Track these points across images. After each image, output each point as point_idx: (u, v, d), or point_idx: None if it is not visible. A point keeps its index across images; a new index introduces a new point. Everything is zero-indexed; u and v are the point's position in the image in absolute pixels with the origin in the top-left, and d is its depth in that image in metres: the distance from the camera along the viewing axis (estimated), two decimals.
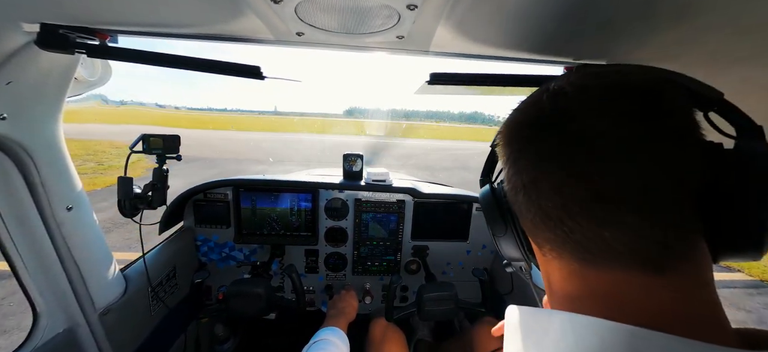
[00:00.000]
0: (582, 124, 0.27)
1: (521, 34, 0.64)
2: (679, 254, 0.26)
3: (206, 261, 1.54)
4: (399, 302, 1.67)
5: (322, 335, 0.96)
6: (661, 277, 0.26)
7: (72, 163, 0.89)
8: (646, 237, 0.26)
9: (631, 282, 0.27)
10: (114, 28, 0.71)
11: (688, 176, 0.26)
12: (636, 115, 0.26)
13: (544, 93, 0.31)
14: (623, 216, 0.26)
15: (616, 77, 0.29)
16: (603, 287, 0.28)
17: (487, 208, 0.44)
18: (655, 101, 0.26)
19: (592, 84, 0.29)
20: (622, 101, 0.27)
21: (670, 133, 0.26)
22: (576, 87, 0.29)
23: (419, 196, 1.51)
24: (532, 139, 0.31)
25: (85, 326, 0.96)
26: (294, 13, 0.57)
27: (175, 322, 1.35)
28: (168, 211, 1.33)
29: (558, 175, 0.28)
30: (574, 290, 0.30)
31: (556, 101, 0.30)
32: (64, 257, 0.89)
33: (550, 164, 0.29)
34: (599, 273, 0.28)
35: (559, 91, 0.30)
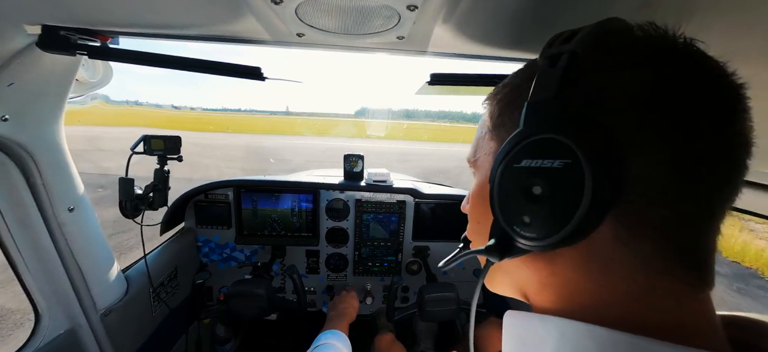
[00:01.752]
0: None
1: (522, 33, 0.64)
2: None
3: (207, 262, 1.54)
4: (400, 303, 1.66)
5: (324, 338, 0.96)
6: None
7: (73, 164, 0.89)
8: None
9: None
10: (115, 30, 0.71)
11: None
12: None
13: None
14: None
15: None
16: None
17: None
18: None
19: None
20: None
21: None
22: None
23: (420, 196, 1.51)
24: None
25: (87, 326, 0.96)
26: (294, 14, 0.57)
27: (176, 323, 1.36)
28: (169, 212, 1.34)
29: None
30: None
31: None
32: (66, 257, 0.90)
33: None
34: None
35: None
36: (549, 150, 0.25)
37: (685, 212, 0.24)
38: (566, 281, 0.28)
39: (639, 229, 0.24)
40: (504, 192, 0.29)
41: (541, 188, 0.25)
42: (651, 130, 0.23)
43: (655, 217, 0.24)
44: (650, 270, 0.24)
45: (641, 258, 0.24)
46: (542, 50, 0.29)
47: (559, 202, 0.24)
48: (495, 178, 0.29)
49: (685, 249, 0.24)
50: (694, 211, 0.24)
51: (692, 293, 0.25)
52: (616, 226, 0.24)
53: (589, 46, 0.26)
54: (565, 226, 0.24)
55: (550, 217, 0.25)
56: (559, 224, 0.24)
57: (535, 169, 0.26)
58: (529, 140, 0.27)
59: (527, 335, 0.30)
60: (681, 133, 0.23)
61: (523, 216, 0.27)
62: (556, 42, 0.28)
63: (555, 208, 0.25)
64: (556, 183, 0.25)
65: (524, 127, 0.27)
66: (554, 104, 0.26)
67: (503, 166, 0.28)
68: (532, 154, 0.26)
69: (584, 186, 0.23)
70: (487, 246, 0.31)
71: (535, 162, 0.26)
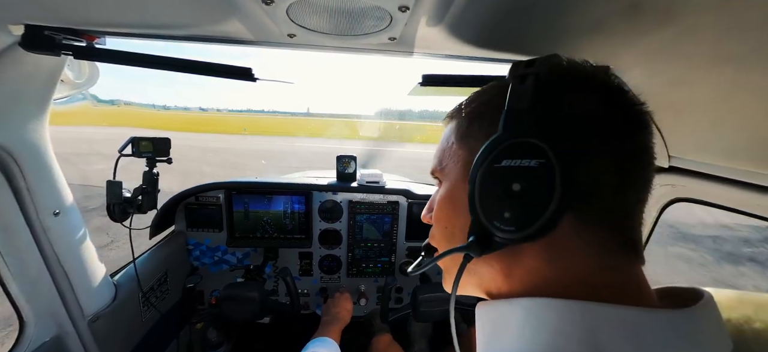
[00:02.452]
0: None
1: (512, 34, 0.65)
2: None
3: (198, 265, 1.52)
4: (394, 304, 1.66)
5: (312, 347, 0.95)
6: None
7: (59, 167, 0.87)
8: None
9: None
10: (101, 30, 0.70)
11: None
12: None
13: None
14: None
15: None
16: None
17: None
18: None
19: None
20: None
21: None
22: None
23: (413, 197, 1.51)
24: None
25: (74, 333, 0.94)
26: (285, 15, 0.57)
27: (167, 327, 1.33)
28: (159, 215, 1.31)
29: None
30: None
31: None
32: (52, 263, 0.87)
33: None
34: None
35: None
36: (526, 151, 0.29)
37: (625, 202, 0.30)
38: (530, 271, 0.33)
39: (592, 219, 0.30)
40: (485, 190, 0.32)
41: (520, 184, 0.30)
42: (598, 138, 0.30)
43: (604, 208, 0.30)
44: (601, 252, 0.30)
45: (594, 243, 0.30)
46: (509, 71, 0.33)
47: (535, 196, 0.29)
48: (475, 178, 0.33)
49: (625, 233, 0.31)
50: (631, 201, 0.31)
51: (631, 267, 0.31)
52: (574, 219, 0.30)
53: (548, 71, 0.31)
54: (540, 217, 0.28)
55: (527, 209, 0.29)
56: (535, 216, 0.29)
57: (515, 168, 0.30)
58: (508, 143, 0.31)
59: (497, 319, 0.34)
60: (617, 142, 0.30)
61: (504, 211, 0.31)
62: (520, 66, 0.33)
63: (532, 201, 0.29)
64: (533, 180, 0.29)
65: (503, 132, 0.31)
66: (529, 113, 0.30)
67: (485, 167, 0.32)
68: (511, 155, 0.30)
69: (555, 182, 0.28)
70: (468, 243, 0.34)
71: (514, 162, 0.30)
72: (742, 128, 0.51)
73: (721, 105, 0.51)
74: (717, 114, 0.29)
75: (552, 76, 0.31)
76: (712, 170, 0.64)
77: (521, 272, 0.33)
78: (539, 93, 0.30)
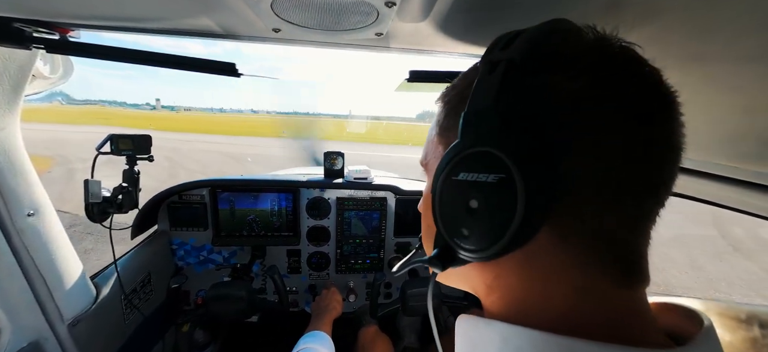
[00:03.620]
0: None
1: (501, 30, 0.65)
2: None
3: (183, 265, 1.49)
4: (383, 299, 1.67)
5: (303, 343, 0.95)
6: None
7: (32, 166, 0.83)
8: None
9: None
10: (75, 22, 0.67)
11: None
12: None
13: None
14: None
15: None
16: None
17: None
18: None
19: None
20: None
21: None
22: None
23: (401, 193, 1.52)
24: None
25: (53, 338, 0.90)
26: (270, 9, 0.56)
27: (151, 330, 1.30)
28: (140, 214, 1.28)
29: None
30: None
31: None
32: (27, 266, 0.84)
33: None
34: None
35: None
36: (484, 164, 0.25)
37: (614, 217, 0.25)
38: (509, 287, 0.29)
39: (572, 234, 0.25)
40: (444, 204, 0.29)
41: (477, 201, 0.26)
42: (583, 136, 0.24)
43: (587, 222, 0.25)
44: (584, 273, 0.26)
45: (575, 262, 0.26)
46: (483, 54, 0.29)
47: (494, 216, 0.25)
48: (436, 189, 0.29)
49: (617, 251, 0.26)
50: (623, 215, 0.25)
51: (623, 292, 0.26)
52: (550, 233, 0.25)
53: (527, 52, 0.26)
54: (501, 238, 0.25)
55: (486, 230, 0.26)
56: (495, 237, 0.25)
57: (472, 183, 0.26)
58: (464, 153, 0.27)
59: (476, 339, 0.31)
60: (608, 141, 0.24)
61: (462, 229, 0.27)
62: (497, 47, 0.28)
63: (491, 221, 0.25)
64: (491, 197, 0.25)
65: (461, 139, 0.27)
66: (489, 115, 0.25)
67: (442, 178, 0.29)
68: (467, 167, 0.26)
69: (517, 200, 0.23)
70: (431, 257, 0.32)
71: (470, 176, 0.26)
72: (713, 124, 0.53)
73: (692, 103, 0.53)
74: (688, 111, 0.29)
75: (532, 56, 0.26)
76: (687, 165, 0.67)
77: (500, 286, 0.30)
78: (510, 82, 0.26)
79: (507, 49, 0.27)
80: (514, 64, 0.26)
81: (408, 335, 1.74)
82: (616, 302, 0.26)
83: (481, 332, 0.31)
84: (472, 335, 0.32)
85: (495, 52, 0.27)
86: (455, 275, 0.36)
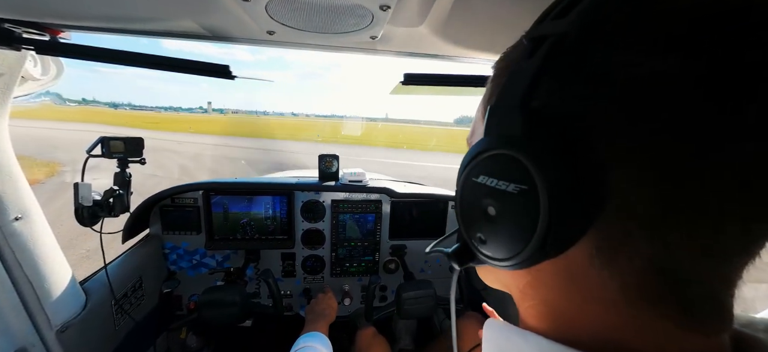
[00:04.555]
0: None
1: (497, 34, 0.66)
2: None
3: (176, 270, 1.47)
4: (378, 302, 1.67)
5: (303, 342, 0.94)
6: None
7: (19, 168, 0.82)
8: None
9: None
10: (67, 23, 0.66)
11: None
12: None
13: None
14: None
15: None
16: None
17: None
18: None
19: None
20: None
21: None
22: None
23: (395, 196, 1.52)
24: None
25: (40, 345, 0.88)
26: (264, 11, 0.56)
27: (142, 335, 1.28)
28: (132, 218, 1.26)
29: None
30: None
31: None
32: (13, 271, 0.82)
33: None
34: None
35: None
36: (505, 170, 0.21)
37: (678, 246, 0.18)
38: (545, 299, 0.25)
39: (617, 257, 0.20)
40: (464, 203, 0.26)
41: (495, 210, 0.22)
42: (638, 146, 0.18)
43: (638, 246, 0.19)
44: (632, 304, 0.20)
45: (620, 289, 0.20)
46: (531, 26, 0.24)
47: (511, 229, 0.22)
48: (459, 186, 0.26)
49: (678, 286, 0.19)
50: (693, 245, 0.18)
51: (688, 335, 0.20)
52: (588, 250, 0.21)
53: (587, 25, 0.19)
54: (517, 254, 0.21)
55: (503, 242, 0.23)
56: (511, 251, 0.22)
57: (491, 189, 0.22)
58: (486, 155, 0.23)
59: (507, 349, 0.28)
60: (688, 153, 0.17)
61: (479, 233, 0.25)
62: (548, 16, 0.22)
63: (508, 234, 0.22)
64: (510, 209, 0.21)
65: (485, 136, 0.24)
66: (519, 111, 0.21)
67: (464, 177, 0.25)
68: (488, 170, 0.23)
69: (538, 218, 0.19)
70: (450, 251, 0.30)
71: (490, 181, 0.22)
72: None
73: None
74: None
75: (593, 31, 0.19)
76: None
77: (533, 294, 0.26)
78: (553, 69, 0.20)
79: (563, 17, 0.20)
80: (565, 41, 0.20)
81: (403, 338, 1.74)
82: (678, 346, 0.21)
83: (513, 343, 0.27)
84: (502, 345, 0.28)
85: (545, 23, 0.22)
86: (488, 271, 0.33)
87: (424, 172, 11.10)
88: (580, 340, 0.22)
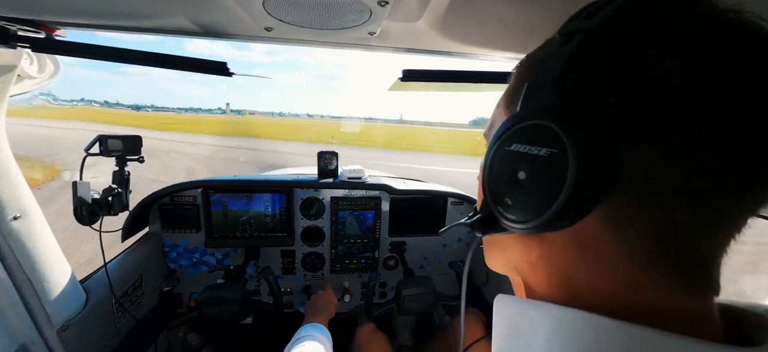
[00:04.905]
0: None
1: (497, 29, 0.66)
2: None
3: (176, 268, 1.47)
4: (378, 299, 1.67)
5: (305, 331, 0.95)
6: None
7: (17, 167, 0.81)
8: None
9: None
10: (63, 20, 0.65)
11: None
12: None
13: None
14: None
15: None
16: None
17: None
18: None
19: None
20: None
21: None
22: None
23: (395, 192, 1.52)
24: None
25: (41, 344, 0.88)
26: (262, 8, 0.55)
27: (143, 333, 1.28)
28: (131, 216, 1.26)
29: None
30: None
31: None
32: (13, 270, 0.82)
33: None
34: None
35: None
36: (538, 137, 0.24)
37: (687, 220, 0.21)
38: (557, 268, 0.27)
39: (629, 226, 0.23)
40: (493, 172, 0.29)
41: (526, 173, 0.25)
42: (661, 132, 0.21)
43: (649, 219, 0.22)
44: (639, 270, 0.23)
45: (630, 256, 0.23)
46: (564, 23, 0.27)
47: (539, 190, 0.24)
48: (488, 157, 0.29)
49: (680, 255, 0.22)
50: (699, 221, 0.22)
51: (685, 299, 0.24)
52: (603, 219, 0.23)
53: (614, 24, 0.23)
54: (543, 214, 0.23)
55: (530, 203, 0.25)
56: (537, 211, 0.24)
57: (523, 155, 0.25)
58: (521, 125, 0.26)
59: (520, 321, 0.29)
60: (702, 140, 0.20)
61: (506, 198, 0.27)
62: (580, 15, 0.25)
63: (535, 195, 0.24)
64: (540, 171, 0.24)
65: (521, 110, 0.27)
66: (552, 88, 0.24)
67: (496, 147, 0.28)
68: (522, 139, 0.26)
69: (566, 178, 0.22)
70: (473, 220, 0.32)
71: (523, 147, 0.25)
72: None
73: None
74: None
75: (619, 30, 0.23)
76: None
77: (544, 265, 0.28)
78: (584, 57, 0.24)
79: (591, 18, 0.24)
80: (595, 36, 0.24)
81: (403, 334, 1.75)
82: (676, 308, 0.23)
83: (525, 314, 0.29)
84: (514, 318, 0.30)
85: (576, 21, 0.25)
86: (500, 251, 0.35)
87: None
88: (588, 304, 0.25)
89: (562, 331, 0.25)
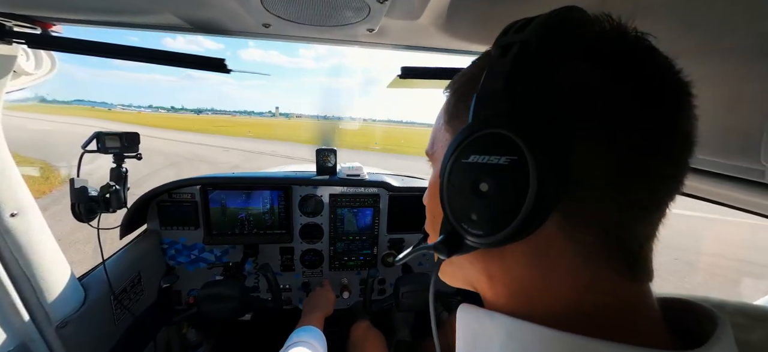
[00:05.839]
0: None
1: (494, 27, 0.66)
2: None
3: (174, 264, 1.47)
4: (377, 295, 1.68)
5: (296, 337, 0.95)
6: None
7: (14, 164, 0.81)
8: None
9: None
10: (59, 16, 0.65)
11: None
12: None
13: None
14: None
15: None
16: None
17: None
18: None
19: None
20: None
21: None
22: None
23: (393, 189, 1.52)
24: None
25: (40, 341, 0.88)
26: (260, 4, 0.55)
27: (142, 330, 1.29)
28: (129, 213, 1.26)
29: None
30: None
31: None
32: (11, 267, 0.82)
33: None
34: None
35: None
36: (495, 146, 0.25)
37: (624, 207, 0.24)
38: (515, 277, 0.29)
39: (581, 223, 0.25)
40: (452, 188, 0.28)
41: (488, 184, 0.25)
42: (595, 125, 0.24)
43: (595, 211, 0.25)
44: (591, 264, 0.25)
45: (583, 252, 0.25)
46: (496, 39, 0.28)
47: (505, 199, 0.24)
48: (444, 173, 0.29)
49: (623, 243, 0.25)
50: (633, 206, 0.25)
51: (629, 286, 0.26)
52: (560, 221, 0.25)
53: (542, 36, 0.25)
54: (511, 223, 0.24)
55: (496, 214, 0.25)
56: (505, 221, 0.24)
57: (482, 166, 0.25)
58: (476, 135, 0.26)
59: (478, 331, 0.31)
60: (623, 129, 0.24)
61: (471, 213, 0.27)
62: (510, 31, 0.27)
63: (501, 205, 0.24)
64: (502, 180, 0.24)
65: (472, 122, 0.27)
66: (502, 97, 0.25)
67: (452, 162, 0.28)
68: (478, 149, 0.26)
69: (529, 183, 0.23)
70: (436, 243, 0.31)
71: (481, 158, 0.25)
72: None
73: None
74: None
75: (548, 41, 0.26)
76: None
77: (504, 277, 0.30)
78: (523, 66, 0.25)
79: (521, 32, 0.26)
80: (529, 47, 0.25)
81: (401, 330, 1.76)
82: (622, 297, 0.26)
83: (483, 325, 0.30)
84: (474, 328, 0.31)
85: (509, 35, 0.27)
86: (457, 268, 0.36)
87: None
88: (547, 311, 0.27)
89: (513, 342, 0.27)
